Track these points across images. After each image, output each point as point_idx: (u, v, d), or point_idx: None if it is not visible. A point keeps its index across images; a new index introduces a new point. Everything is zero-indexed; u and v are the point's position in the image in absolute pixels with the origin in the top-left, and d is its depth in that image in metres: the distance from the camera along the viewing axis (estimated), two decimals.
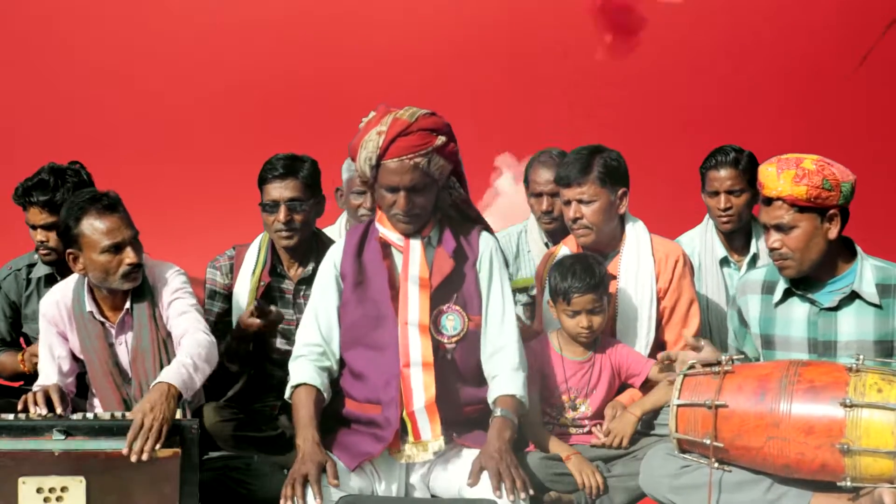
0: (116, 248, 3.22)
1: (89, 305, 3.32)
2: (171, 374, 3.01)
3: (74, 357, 3.38)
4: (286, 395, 3.16)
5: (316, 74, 5.85)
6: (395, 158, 3.08)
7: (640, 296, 3.54)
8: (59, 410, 3.07)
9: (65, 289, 3.39)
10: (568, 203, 3.55)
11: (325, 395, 3.14)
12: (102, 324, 3.33)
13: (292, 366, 3.18)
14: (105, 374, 3.30)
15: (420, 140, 3.09)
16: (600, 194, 3.51)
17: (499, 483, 2.89)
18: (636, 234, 3.60)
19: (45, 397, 3.09)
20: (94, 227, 3.22)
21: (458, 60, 5.86)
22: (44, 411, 3.04)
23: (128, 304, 3.32)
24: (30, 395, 3.10)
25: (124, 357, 3.33)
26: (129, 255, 3.23)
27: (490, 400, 3.16)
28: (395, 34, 5.86)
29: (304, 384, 3.12)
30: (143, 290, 3.33)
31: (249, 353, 3.65)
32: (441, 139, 3.12)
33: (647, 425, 3.40)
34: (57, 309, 3.35)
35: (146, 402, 2.93)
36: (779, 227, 3.00)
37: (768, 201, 3.01)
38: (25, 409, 3.08)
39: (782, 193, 2.96)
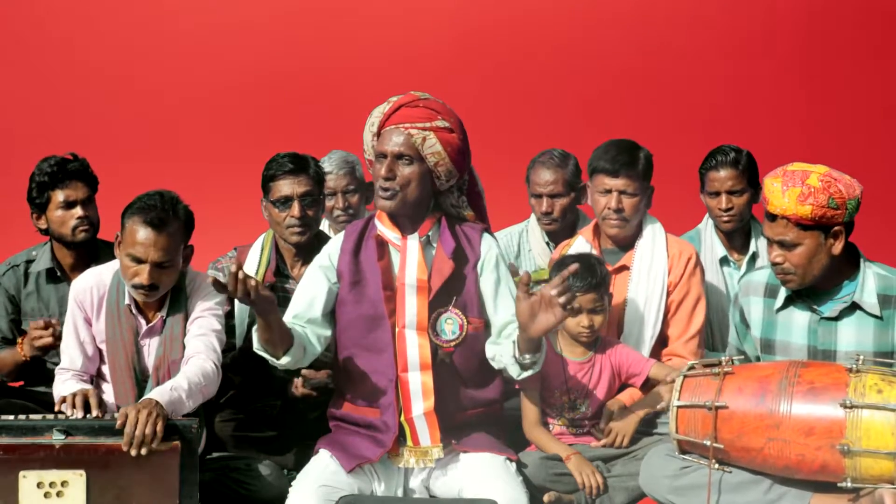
0: (137, 261, 3.21)
1: (128, 299, 3.32)
2: (161, 393, 3.00)
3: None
4: (255, 346, 3.06)
5: (316, 74, 5.87)
6: (393, 126, 3.08)
7: (651, 287, 3.58)
8: (95, 415, 3.02)
9: (101, 275, 3.37)
10: (607, 192, 3.58)
11: (294, 335, 3.02)
12: (135, 318, 3.33)
13: None
14: (128, 368, 3.30)
15: (421, 114, 3.09)
16: (640, 189, 3.59)
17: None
18: (653, 230, 3.67)
19: (83, 401, 3.05)
20: (132, 229, 3.21)
21: (459, 60, 5.87)
22: (80, 415, 3.00)
23: (163, 313, 3.32)
24: (68, 397, 3.06)
25: (145, 357, 3.33)
26: (142, 273, 3.19)
27: (507, 351, 3.06)
28: (395, 34, 5.87)
29: None
30: (180, 300, 3.33)
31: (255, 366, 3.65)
32: (444, 122, 3.10)
33: (648, 424, 3.41)
34: (89, 294, 3.34)
35: (133, 405, 2.94)
36: (782, 244, 2.99)
37: (772, 217, 2.99)
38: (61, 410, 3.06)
39: (786, 212, 2.94)
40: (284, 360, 3.04)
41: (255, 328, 3.03)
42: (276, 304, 2.92)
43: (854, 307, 3.02)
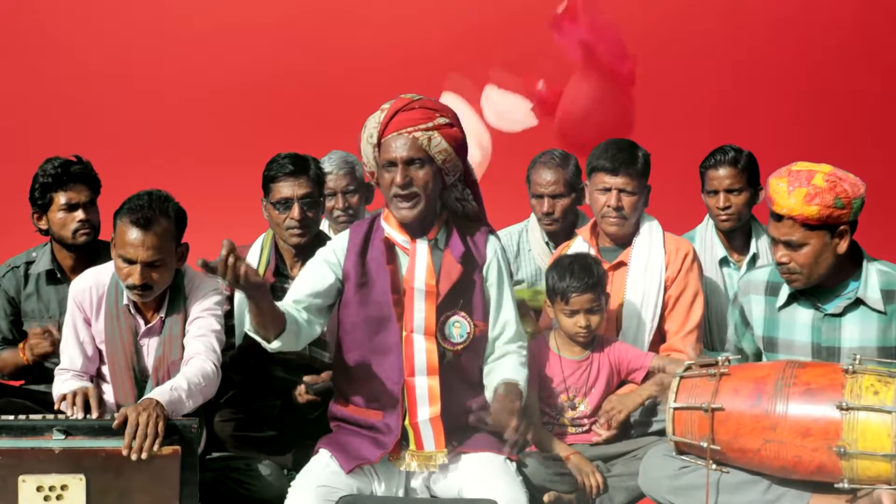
0: (128, 262, 3.21)
1: (126, 299, 3.32)
2: (162, 393, 3.00)
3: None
4: (246, 327, 3.01)
5: (316, 74, 5.86)
6: (395, 133, 3.06)
7: (648, 283, 3.60)
8: (94, 415, 3.03)
9: (100, 276, 3.37)
10: (607, 190, 3.60)
11: (287, 318, 2.97)
12: (134, 318, 3.34)
13: None
14: (128, 368, 3.30)
15: (421, 115, 3.07)
16: (639, 187, 3.61)
17: (508, 430, 2.94)
18: (650, 228, 3.69)
19: (83, 400, 3.06)
20: (121, 230, 3.21)
21: (459, 59, 5.85)
22: (80, 415, 3.01)
23: (162, 313, 3.33)
24: (68, 395, 3.08)
25: (145, 357, 3.34)
26: (133, 274, 3.20)
27: (491, 386, 3.14)
28: (395, 34, 5.86)
29: None
30: (179, 300, 3.34)
31: (255, 364, 3.66)
32: (443, 118, 3.09)
33: (646, 414, 3.44)
34: (88, 294, 3.34)
35: (133, 405, 2.95)
36: (788, 244, 2.99)
37: (778, 217, 2.99)
38: (61, 410, 3.08)
39: (793, 212, 2.94)
40: (275, 345, 2.98)
41: (247, 309, 3.00)
42: (267, 290, 2.88)
43: (857, 303, 3.03)
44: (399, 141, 3.06)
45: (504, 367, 3.17)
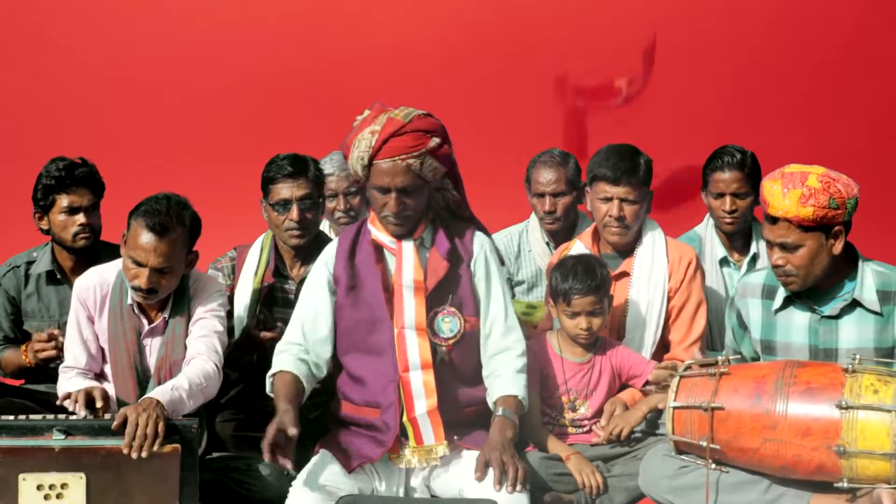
0: (137, 264, 3.21)
1: (130, 299, 3.32)
2: (163, 393, 3.01)
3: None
4: (267, 389, 3.13)
5: (316, 74, 5.85)
6: (388, 159, 3.08)
7: (651, 293, 3.58)
8: (100, 405, 3.05)
9: (104, 274, 3.38)
10: (608, 200, 3.55)
11: (305, 383, 3.11)
12: (138, 318, 3.34)
13: (273, 360, 3.18)
14: (130, 367, 3.31)
15: (413, 141, 3.09)
16: (641, 195, 3.56)
17: (501, 475, 2.91)
18: (653, 235, 3.65)
19: (86, 398, 3.07)
20: (135, 232, 3.21)
21: (458, 59, 5.86)
22: (82, 413, 3.02)
23: (165, 314, 3.33)
24: (72, 394, 3.09)
25: (147, 357, 3.35)
26: (140, 276, 3.20)
27: (491, 399, 3.18)
28: (394, 33, 5.86)
29: (282, 371, 3.11)
30: (183, 301, 3.35)
31: (252, 362, 3.65)
32: (435, 141, 3.11)
33: (650, 425, 3.41)
34: (92, 292, 3.35)
35: (133, 405, 2.95)
36: (783, 246, 2.99)
37: (773, 220, 3.00)
38: (63, 409, 3.08)
39: (788, 214, 2.94)
40: None
41: (269, 377, 3.13)
42: (296, 416, 2.94)
43: (854, 305, 3.03)
44: (392, 168, 3.09)
45: (503, 376, 3.18)
